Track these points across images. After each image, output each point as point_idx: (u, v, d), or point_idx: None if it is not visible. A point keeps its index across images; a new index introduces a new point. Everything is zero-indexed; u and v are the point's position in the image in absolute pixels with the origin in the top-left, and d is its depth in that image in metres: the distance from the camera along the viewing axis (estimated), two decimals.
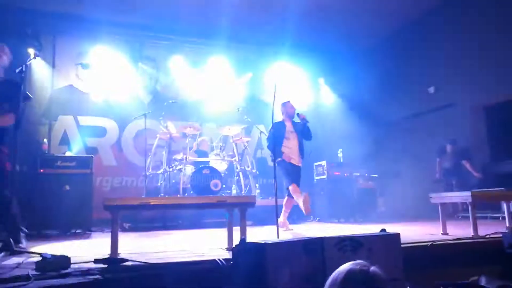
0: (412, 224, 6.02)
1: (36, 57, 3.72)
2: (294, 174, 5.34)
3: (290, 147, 5.42)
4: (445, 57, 7.95)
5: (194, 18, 7.57)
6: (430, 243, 3.56)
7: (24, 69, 3.36)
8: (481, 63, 7.28)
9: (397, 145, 8.52)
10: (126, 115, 7.76)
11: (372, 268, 1.44)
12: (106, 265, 2.53)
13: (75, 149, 7.27)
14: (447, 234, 4.27)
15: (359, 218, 6.72)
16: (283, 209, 5.35)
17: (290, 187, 5.21)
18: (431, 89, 8.38)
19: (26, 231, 3.72)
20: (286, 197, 5.38)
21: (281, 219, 5.28)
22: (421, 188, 6.95)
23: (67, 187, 5.18)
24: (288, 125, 5.57)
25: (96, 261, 2.56)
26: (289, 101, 5.69)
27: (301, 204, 5.08)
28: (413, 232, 4.67)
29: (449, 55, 7.88)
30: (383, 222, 6.46)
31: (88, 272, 2.33)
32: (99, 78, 7.92)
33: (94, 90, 7.89)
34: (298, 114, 5.56)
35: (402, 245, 3.20)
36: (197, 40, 8.23)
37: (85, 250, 3.55)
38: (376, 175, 7.09)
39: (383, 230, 2.67)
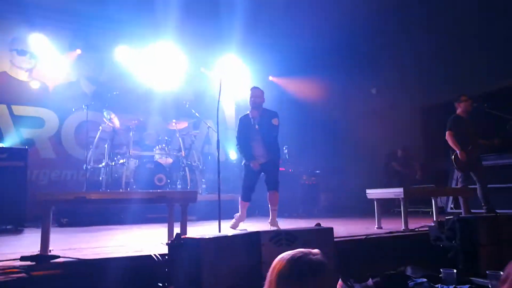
0: (352, 218, 6.29)
1: None
2: (254, 182, 4.76)
3: (256, 147, 4.72)
4: (387, 59, 8.36)
5: (140, 8, 7.34)
6: (364, 236, 3.74)
7: None
8: (419, 66, 7.74)
9: (340, 142, 8.84)
10: (66, 106, 7.39)
11: (315, 255, 1.46)
12: (33, 263, 2.42)
13: (8, 141, 6.82)
14: (381, 228, 4.50)
15: (302, 213, 6.90)
16: (240, 209, 4.83)
17: (240, 199, 4.81)
18: (374, 90, 8.78)
19: None
20: (240, 201, 4.83)
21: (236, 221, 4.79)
22: (361, 185, 7.28)
23: None
24: (254, 120, 4.72)
25: (23, 258, 2.44)
26: (253, 87, 4.87)
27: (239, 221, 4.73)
28: (351, 226, 4.88)
29: (390, 58, 8.29)
30: (324, 217, 6.69)
31: (11, 270, 2.21)
32: (37, 65, 7.47)
33: (31, 78, 7.43)
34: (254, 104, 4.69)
35: (338, 239, 3.35)
36: (143, 30, 7.98)
37: (14, 248, 3.36)
38: (318, 171, 7.31)
39: (318, 224, 2.77)
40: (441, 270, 3.14)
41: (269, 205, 4.73)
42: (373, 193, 4.74)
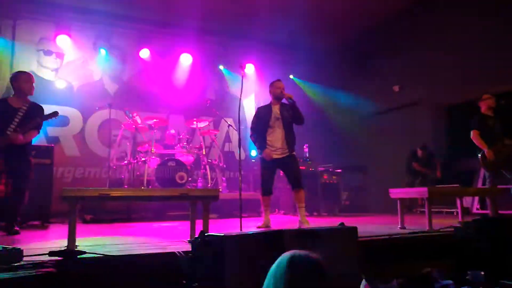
0: (374, 217, 6.22)
1: None
2: (270, 175, 4.66)
3: (273, 138, 4.65)
4: (411, 56, 8.20)
5: (163, 8, 7.42)
6: (387, 236, 3.68)
7: None
8: (444, 63, 7.56)
9: (362, 141, 8.74)
10: (90, 105, 7.54)
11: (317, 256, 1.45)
12: (61, 258, 2.46)
13: (35, 139, 6.99)
14: (404, 228, 4.42)
15: (323, 212, 6.84)
16: (262, 208, 4.76)
17: (260, 195, 4.73)
18: (396, 88, 8.63)
19: None
20: (261, 196, 4.75)
21: (263, 220, 4.67)
22: (383, 184, 7.17)
23: None
24: (275, 110, 4.72)
25: (51, 253, 2.49)
26: (277, 80, 4.87)
27: (264, 220, 4.60)
28: (373, 226, 4.82)
29: (414, 55, 8.13)
30: (346, 215, 6.63)
31: (41, 265, 2.26)
32: (63, 65, 7.65)
33: (57, 78, 7.61)
34: (281, 95, 4.71)
35: (360, 239, 3.30)
36: (166, 30, 8.07)
37: (41, 243, 3.45)
38: (340, 170, 7.23)
39: (342, 224, 2.73)
40: (468, 272, 3.06)
41: (296, 203, 4.66)
42: (396, 192, 4.65)
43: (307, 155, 7.32)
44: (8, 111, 4.22)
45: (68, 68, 7.68)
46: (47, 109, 7.27)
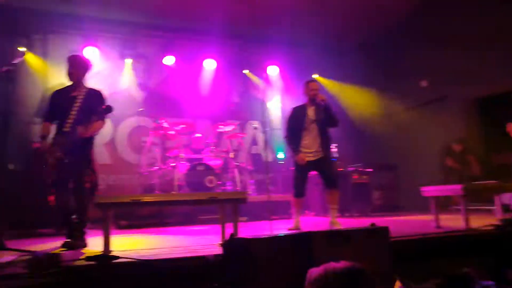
0: (408, 217, 6.07)
1: (24, 56, 3.70)
2: (303, 177, 4.60)
3: (308, 141, 4.59)
4: (438, 50, 7.96)
5: (186, 15, 7.53)
6: (421, 236, 3.58)
7: (12, 68, 3.36)
8: (473, 56, 7.30)
9: (391, 138, 8.54)
10: (119, 113, 7.71)
11: (358, 266, 1.45)
12: (97, 262, 2.54)
13: None
14: (440, 227, 4.29)
15: (354, 212, 6.73)
16: (293, 210, 4.68)
17: (292, 199, 4.68)
18: (424, 83, 8.40)
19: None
20: (293, 198, 4.69)
21: (294, 222, 4.57)
22: (416, 182, 6.98)
23: None
24: (310, 112, 4.64)
25: (88, 258, 2.57)
26: (312, 80, 4.79)
27: (295, 222, 4.54)
28: (407, 226, 4.70)
29: (441, 48, 7.88)
30: (379, 215, 6.50)
31: (79, 269, 2.34)
32: (92, 75, 7.85)
33: None
34: (316, 97, 4.57)
35: (394, 239, 3.23)
36: (189, 36, 8.18)
37: (78, 248, 3.55)
38: (370, 169, 7.09)
39: (373, 224, 2.68)
40: (509, 271, 2.94)
41: (329, 204, 4.60)
42: (429, 190, 4.52)
43: (337, 155, 7.23)
44: (65, 100, 3.81)
45: (96, 78, 7.84)
46: None
